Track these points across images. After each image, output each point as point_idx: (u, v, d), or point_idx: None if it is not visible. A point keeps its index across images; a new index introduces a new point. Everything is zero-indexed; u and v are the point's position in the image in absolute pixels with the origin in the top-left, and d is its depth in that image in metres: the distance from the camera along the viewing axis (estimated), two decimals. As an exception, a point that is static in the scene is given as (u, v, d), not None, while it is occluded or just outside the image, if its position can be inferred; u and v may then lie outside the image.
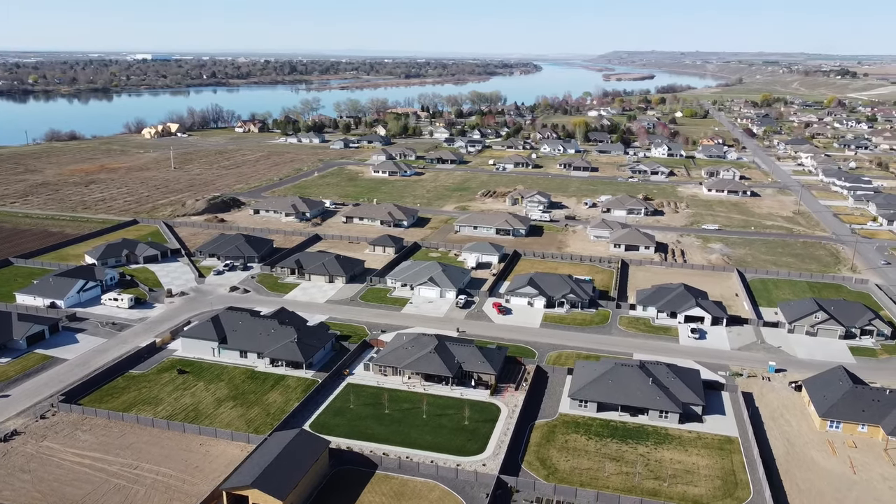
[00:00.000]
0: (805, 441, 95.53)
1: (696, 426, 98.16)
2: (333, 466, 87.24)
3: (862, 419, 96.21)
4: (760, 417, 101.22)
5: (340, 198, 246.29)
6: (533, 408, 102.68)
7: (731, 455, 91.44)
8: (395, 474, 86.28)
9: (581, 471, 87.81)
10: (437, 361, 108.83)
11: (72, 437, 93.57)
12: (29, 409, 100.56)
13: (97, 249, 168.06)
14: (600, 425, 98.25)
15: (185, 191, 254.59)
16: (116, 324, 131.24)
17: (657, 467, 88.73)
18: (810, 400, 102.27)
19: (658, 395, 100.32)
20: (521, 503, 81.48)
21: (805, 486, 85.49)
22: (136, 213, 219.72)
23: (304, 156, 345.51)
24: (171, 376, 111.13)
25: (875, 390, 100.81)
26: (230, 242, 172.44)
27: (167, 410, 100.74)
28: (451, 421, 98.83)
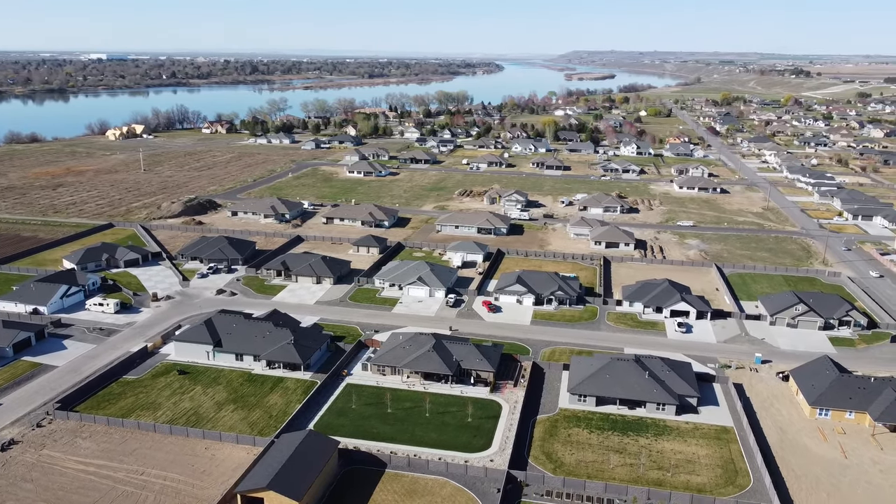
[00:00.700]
0: (797, 429, 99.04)
1: (692, 417, 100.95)
2: (343, 466, 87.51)
3: (849, 406, 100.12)
4: (752, 407, 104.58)
5: (318, 199, 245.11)
6: (533, 403, 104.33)
7: (729, 444, 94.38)
8: (404, 472, 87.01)
9: (587, 463, 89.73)
10: (436, 360, 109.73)
11: (72, 444, 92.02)
12: (23, 417, 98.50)
13: (76, 254, 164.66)
14: (600, 419, 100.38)
15: (158, 193, 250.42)
16: (104, 329, 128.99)
17: (659, 458, 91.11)
18: (799, 389, 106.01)
19: (655, 388, 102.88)
20: (532, 497, 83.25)
21: (801, 471, 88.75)
22: (109, 216, 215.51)
23: (275, 157, 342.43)
24: (167, 381, 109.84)
25: (860, 378, 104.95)
26: (213, 245, 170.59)
27: (167, 415, 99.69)
28: (454, 418, 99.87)
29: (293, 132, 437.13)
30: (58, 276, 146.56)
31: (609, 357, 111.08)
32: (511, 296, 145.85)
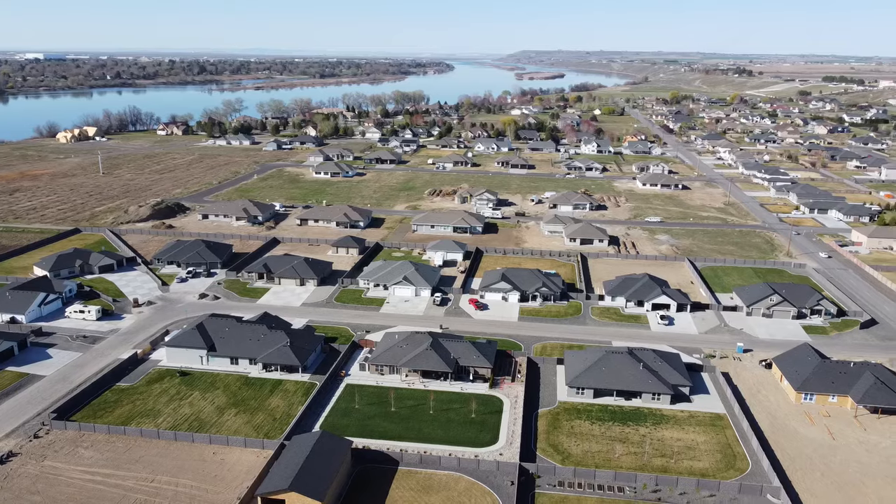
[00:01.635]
0: (784, 413, 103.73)
1: (686, 406, 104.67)
2: (355, 465, 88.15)
3: (832, 390, 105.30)
4: (741, 394, 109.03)
5: (288, 200, 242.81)
6: (533, 398, 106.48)
7: (724, 430, 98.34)
8: (417, 469, 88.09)
9: (593, 453, 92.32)
10: (434, 358, 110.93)
11: (74, 454, 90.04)
12: (18, 429, 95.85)
13: (47, 260, 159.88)
14: (599, 410, 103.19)
15: (122, 197, 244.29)
16: (87, 337, 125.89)
17: (660, 445, 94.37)
18: (783, 375, 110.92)
19: (650, 379, 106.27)
20: (545, 488, 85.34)
21: (793, 453, 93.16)
22: (74, 221, 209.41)
23: (237, 158, 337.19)
24: (163, 387, 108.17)
25: (840, 363, 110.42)
26: (190, 249, 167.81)
27: (168, 421, 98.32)
28: (457, 415, 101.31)
29: (252, 133, 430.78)
30: (33, 283, 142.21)
31: (603, 350, 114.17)
32: (497, 293, 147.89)
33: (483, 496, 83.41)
